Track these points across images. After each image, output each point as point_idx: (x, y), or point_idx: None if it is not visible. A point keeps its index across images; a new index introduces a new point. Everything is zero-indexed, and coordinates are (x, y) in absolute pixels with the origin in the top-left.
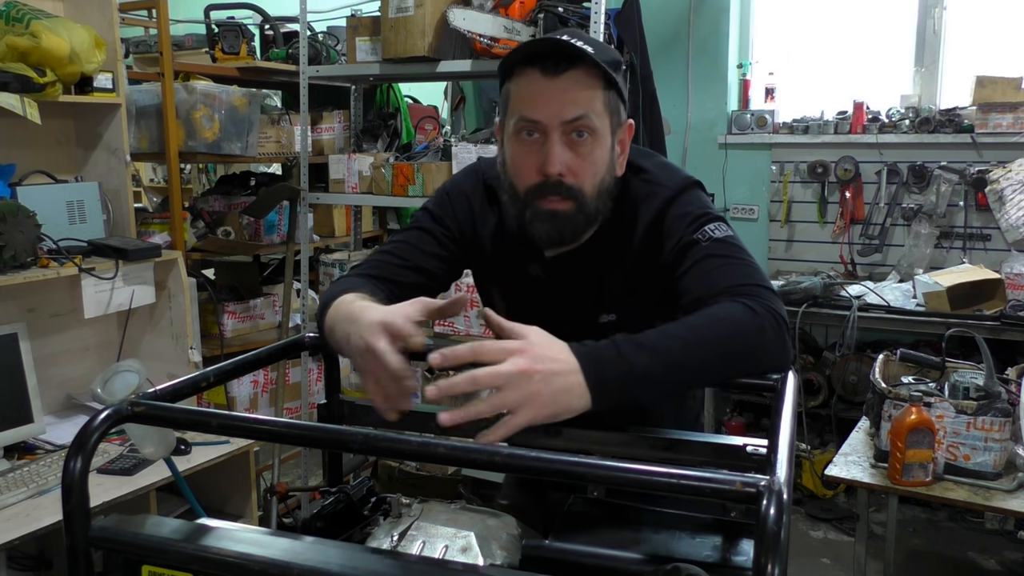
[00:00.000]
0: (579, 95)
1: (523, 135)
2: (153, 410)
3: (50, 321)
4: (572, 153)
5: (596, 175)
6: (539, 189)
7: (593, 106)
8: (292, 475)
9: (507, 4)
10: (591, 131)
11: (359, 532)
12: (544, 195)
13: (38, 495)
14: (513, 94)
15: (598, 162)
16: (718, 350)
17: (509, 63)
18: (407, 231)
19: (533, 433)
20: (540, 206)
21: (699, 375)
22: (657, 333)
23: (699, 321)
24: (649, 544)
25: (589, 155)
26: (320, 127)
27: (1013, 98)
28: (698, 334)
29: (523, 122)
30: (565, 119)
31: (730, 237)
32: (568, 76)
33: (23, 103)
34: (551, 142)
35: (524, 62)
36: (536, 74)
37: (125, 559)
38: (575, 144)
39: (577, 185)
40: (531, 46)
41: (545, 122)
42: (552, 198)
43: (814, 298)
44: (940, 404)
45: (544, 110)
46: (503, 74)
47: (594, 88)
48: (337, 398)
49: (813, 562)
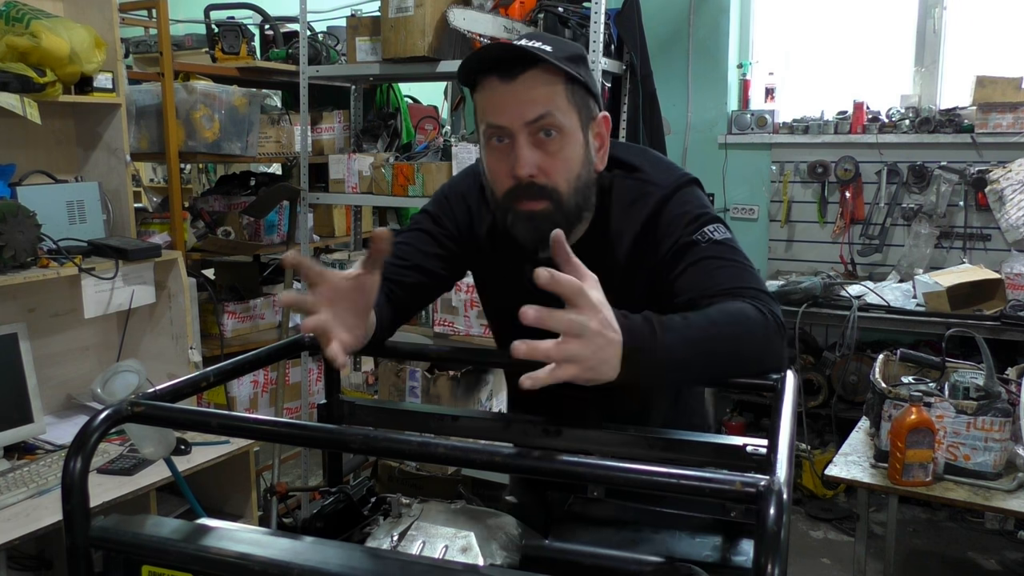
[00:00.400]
0: (538, 94)
1: (493, 141)
2: (153, 410)
3: (50, 321)
4: (541, 152)
5: (570, 172)
6: (514, 192)
7: (555, 103)
8: (292, 475)
9: (507, 4)
10: (558, 128)
11: (359, 532)
12: (520, 198)
13: (38, 495)
14: (479, 104)
15: (570, 159)
16: (733, 347)
17: (468, 75)
18: (406, 232)
19: (533, 433)
20: (518, 208)
21: (712, 369)
22: (683, 320)
23: (719, 316)
24: (649, 544)
25: (559, 152)
26: (320, 127)
27: (1013, 98)
28: (719, 329)
29: (491, 128)
30: (528, 120)
31: (728, 240)
32: (525, 77)
33: (23, 103)
34: (518, 145)
35: (482, 71)
36: (494, 81)
37: (125, 559)
38: (543, 143)
39: (551, 184)
40: (482, 54)
41: (509, 126)
42: (526, 200)
43: (814, 298)
44: (940, 404)
45: (506, 114)
46: (468, 87)
47: (554, 85)
48: (337, 398)
49: (813, 562)
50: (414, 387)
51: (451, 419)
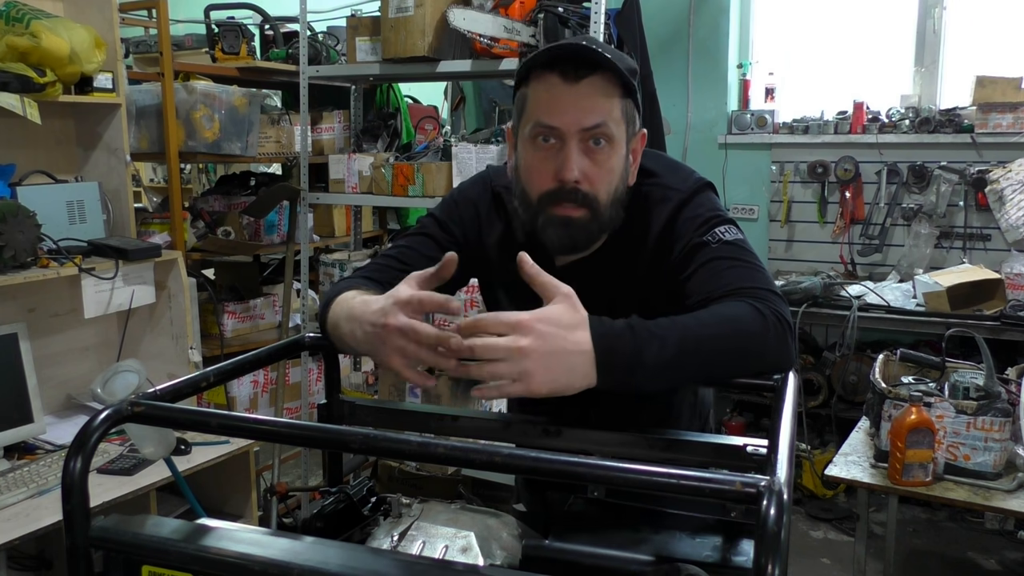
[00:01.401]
0: (599, 103)
1: (539, 140)
2: (153, 410)
3: (50, 321)
4: (589, 160)
5: (611, 183)
6: (554, 195)
7: (611, 114)
8: (292, 475)
9: (507, 4)
10: (608, 139)
11: (359, 532)
12: (559, 201)
13: (38, 495)
14: (530, 99)
15: (614, 170)
16: (724, 347)
17: (528, 67)
18: (411, 236)
19: (533, 433)
20: (554, 212)
21: (703, 371)
22: (670, 323)
23: (709, 318)
24: (649, 544)
25: (606, 163)
26: (320, 127)
27: (1013, 98)
28: (708, 331)
29: (540, 127)
30: (584, 126)
31: (740, 240)
32: (588, 83)
33: (23, 103)
34: (569, 148)
35: (543, 67)
36: (555, 79)
37: (125, 559)
38: (592, 152)
39: (592, 193)
40: (551, 50)
41: (563, 128)
42: (567, 205)
43: (814, 298)
44: (940, 404)
45: (563, 116)
46: (520, 78)
47: (613, 96)
48: (337, 398)
49: (813, 562)
50: (414, 387)
51: (451, 419)
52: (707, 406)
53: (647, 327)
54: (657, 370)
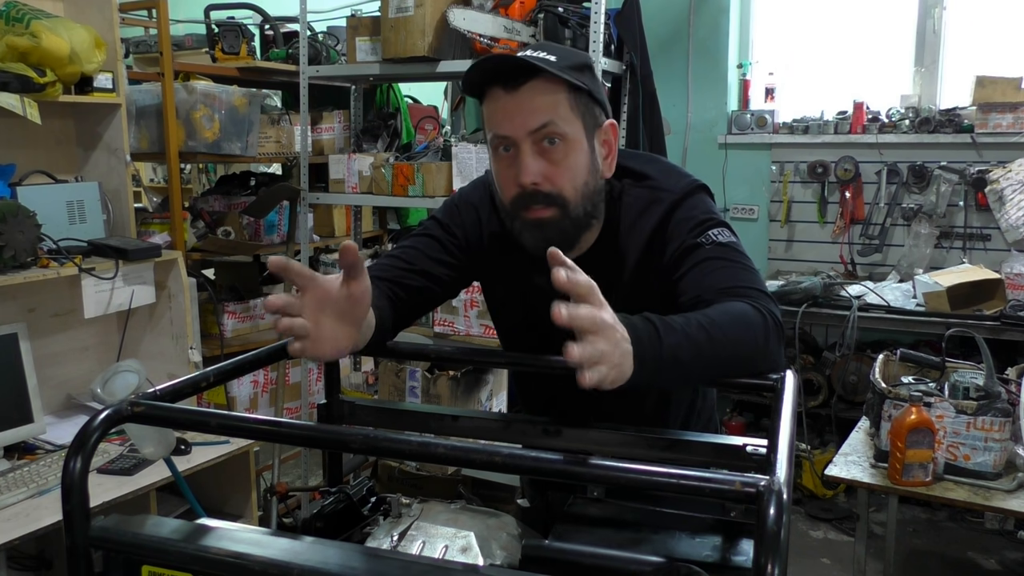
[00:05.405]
0: (540, 103)
1: (500, 151)
2: (153, 410)
3: (50, 321)
4: (545, 161)
5: (575, 179)
6: (520, 200)
7: (557, 112)
8: (292, 475)
9: (507, 4)
10: (560, 136)
11: (359, 532)
12: (527, 205)
13: (38, 495)
14: (486, 114)
15: (574, 166)
16: (734, 347)
17: (473, 86)
18: (415, 237)
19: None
20: (526, 216)
21: (712, 369)
22: (684, 320)
23: (719, 316)
24: (649, 544)
25: (563, 160)
26: (320, 127)
27: (1013, 98)
28: (720, 330)
29: (497, 139)
30: (530, 129)
31: (733, 243)
32: (527, 88)
33: (23, 103)
34: (522, 153)
35: (487, 82)
36: (499, 91)
37: (125, 559)
38: (547, 151)
39: (556, 191)
40: (483, 65)
41: (512, 135)
42: (535, 207)
43: (814, 298)
44: (940, 404)
45: (509, 124)
46: (476, 97)
47: (555, 94)
48: (337, 398)
49: (813, 562)
50: (414, 387)
51: (451, 419)
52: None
53: (666, 324)
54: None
